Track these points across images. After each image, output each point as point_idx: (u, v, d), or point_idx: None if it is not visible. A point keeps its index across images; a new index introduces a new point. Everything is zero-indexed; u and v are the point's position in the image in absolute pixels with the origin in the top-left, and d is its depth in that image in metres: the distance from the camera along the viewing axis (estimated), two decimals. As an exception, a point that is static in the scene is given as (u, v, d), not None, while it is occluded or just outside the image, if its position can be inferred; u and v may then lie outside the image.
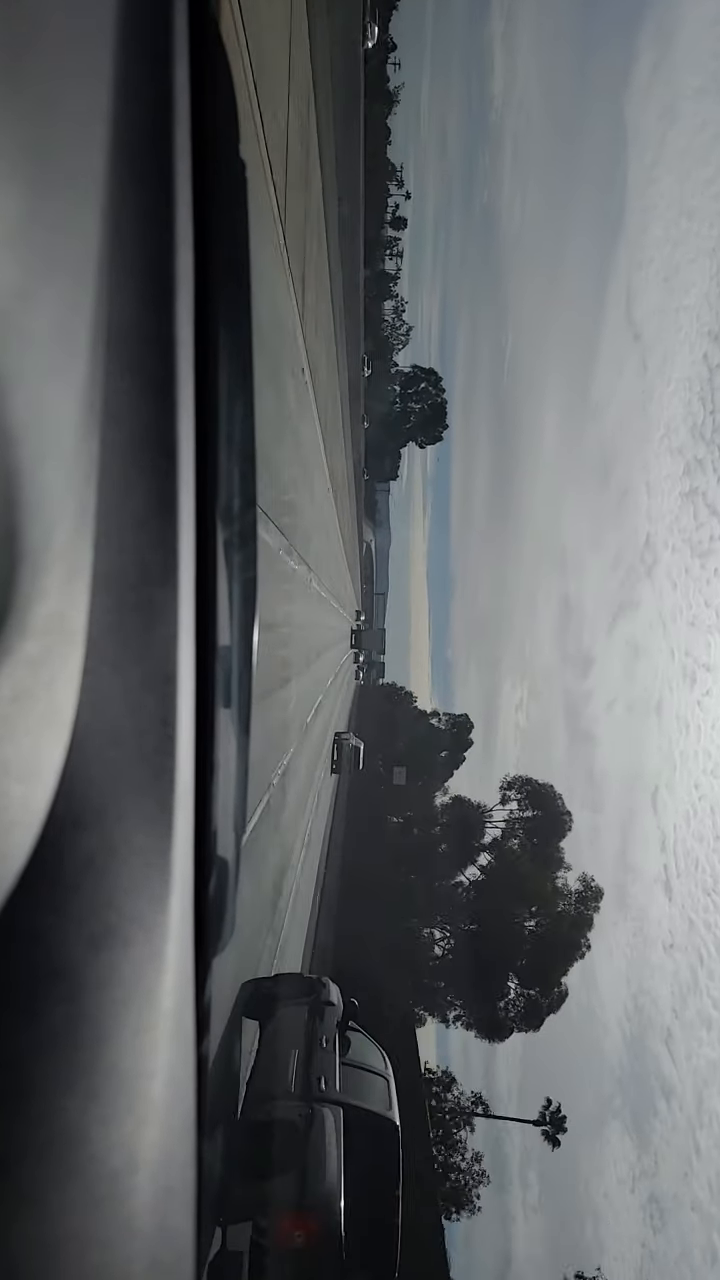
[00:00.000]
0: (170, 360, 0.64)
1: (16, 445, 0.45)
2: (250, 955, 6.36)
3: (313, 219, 10.51)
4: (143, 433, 0.62)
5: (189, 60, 0.67)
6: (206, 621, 0.75)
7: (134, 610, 0.62)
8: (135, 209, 0.60)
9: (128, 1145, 0.59)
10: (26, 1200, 0.51)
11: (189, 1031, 0.71)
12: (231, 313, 0.85)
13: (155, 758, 0.64)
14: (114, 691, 0.60)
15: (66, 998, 0.55)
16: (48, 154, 0.48)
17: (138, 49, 0.59)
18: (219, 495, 0.78)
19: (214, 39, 0.79)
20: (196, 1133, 0.71)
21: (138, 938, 0.62)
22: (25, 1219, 0.51)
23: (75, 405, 0.53)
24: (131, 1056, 0.60)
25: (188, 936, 0.70)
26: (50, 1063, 0.54)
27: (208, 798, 0.75)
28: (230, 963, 4.14)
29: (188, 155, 0.67)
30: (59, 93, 0.49)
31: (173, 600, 0.66)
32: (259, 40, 5.25)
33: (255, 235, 2.72)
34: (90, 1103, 0.56)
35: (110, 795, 0.60)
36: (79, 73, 0.52)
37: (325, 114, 10.50)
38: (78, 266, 0.53)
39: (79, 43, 0.52)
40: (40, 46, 0.46)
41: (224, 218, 0.82)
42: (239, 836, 1.06)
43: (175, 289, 0.65)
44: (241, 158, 0.95)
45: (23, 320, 0.46)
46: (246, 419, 0.96)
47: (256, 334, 1.09)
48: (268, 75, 5.83)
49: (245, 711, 1.01)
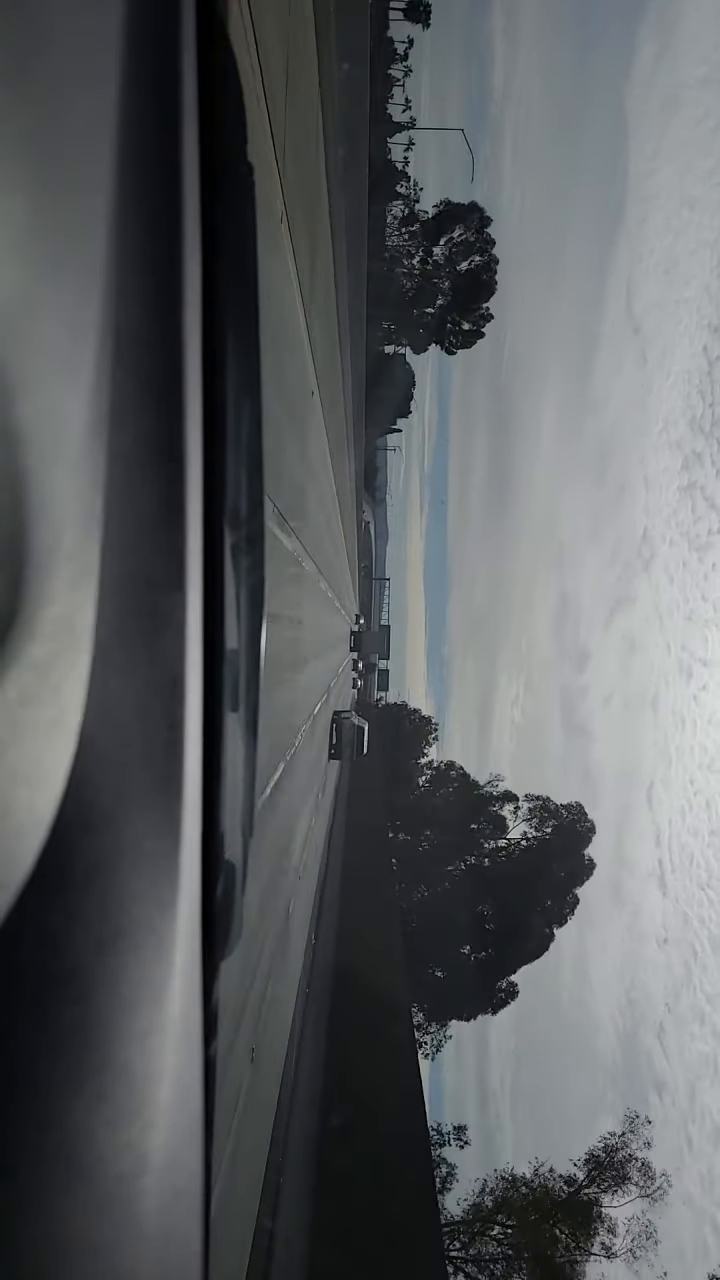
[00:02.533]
0: (178, 364, 0.64)
1: (25, 448, 0.45)
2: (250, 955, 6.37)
3: (319, 219, 10.52)
4: (150, 437, 0.62)
5: (196, 64, 0.67)
6: (214, 625, 0.74)
7: (141, 614, 0.62)
8: (143, 214, 0.60)
9: (135, 1148, 0.59)
10: (35, 1202, 0.51)
11: (197, 1034, 0.71)
12: (239, 317, 0.85)
13: (163, 762, 0.64)
14: (121, 695, 0.60)
15: (75, 1000, 0.55)
16: (56, 160, 0.48)
17: (145, 54, 0.59)
18: (227, 499, 0.78)
19: (222, 42, 0.79)
20: (204, 1136, 0.71)
21: (146, 941, 0.62)
22: (34, 1221, 0.51)
23: (83, 409, 0.53)
24: (139, 1059, 0.60)
25: (195, 940, 0.69)
26: (59, 1065, 0.54)
27: (215, 802, 0.75)
28: (237, 966, 4.15)
29: (195, 159, 0.67)
30: (67, 99, 0.49)
31: (180, 604, 0.66)
32: (266, 43, 5.25)
33: (263, 238, 2.72)
34: (98, 1105, 0.56)
35: (118, 799, 0.60)
36: (87, 77, 0.52)
37: (331, 115, 10.51)
38: (86, 271, 0.53)
39: (87, 46, 0.52)
40: (48, 53, 0.46)
41: (231, 221, 0.82)
42: (246, 840, 1.05)
43: (183, 293, 0.65)
44: (250, 160, 0.95)
45: (31, 325, 0.46)
46: (254, 423, 0.96)
47: (264, 336, 1.09)
48: (275, 78, 5.84)
49: (253, 715, 1.01)
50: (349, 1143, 8.07)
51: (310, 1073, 8.61)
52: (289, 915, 8.39)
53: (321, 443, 11.84)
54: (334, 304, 13.79)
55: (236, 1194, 4.85)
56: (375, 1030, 11.18)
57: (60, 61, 0.48)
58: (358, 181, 14.03)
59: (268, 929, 6.64)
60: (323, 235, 10.84)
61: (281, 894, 7.72)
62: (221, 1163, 4.25)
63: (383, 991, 12.77)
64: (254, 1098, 5.55)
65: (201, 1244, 0.69)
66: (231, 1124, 4.74)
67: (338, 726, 17.37)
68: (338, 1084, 8.62)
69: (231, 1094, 4.76)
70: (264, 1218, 5.71)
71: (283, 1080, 7.41)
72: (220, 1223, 4.15)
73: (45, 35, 0.46)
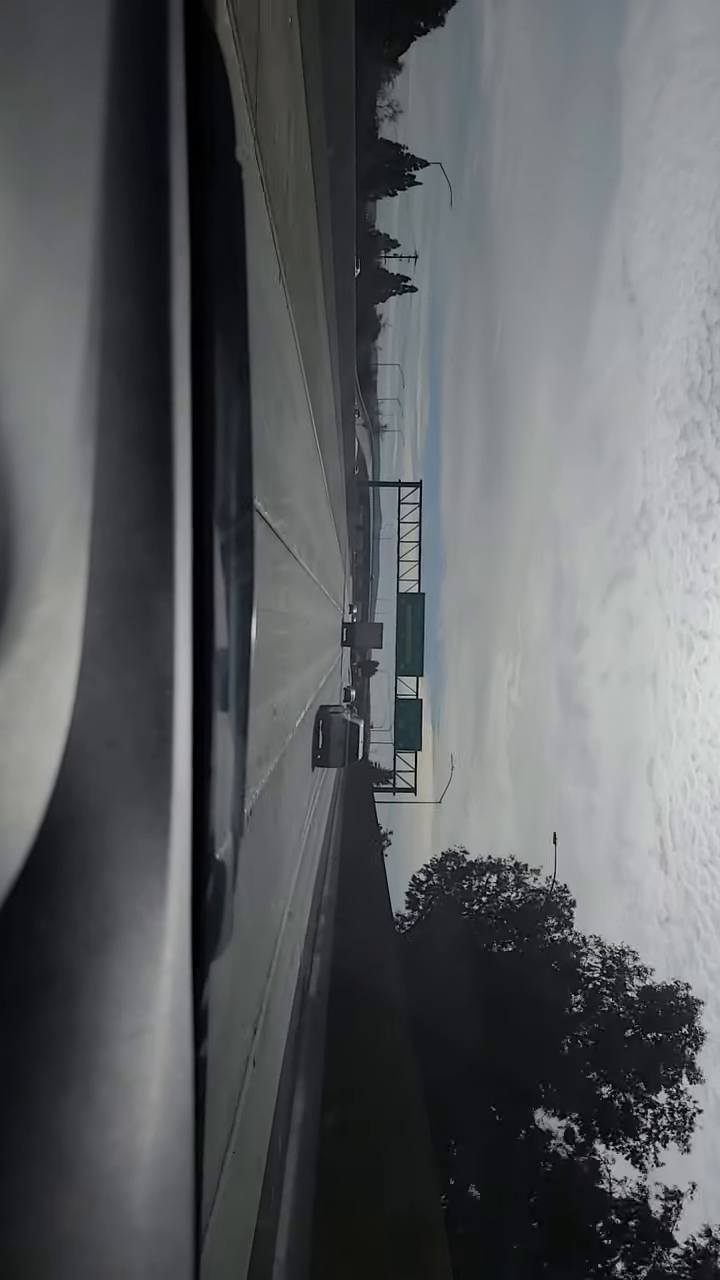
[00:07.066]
0: (166, 363, 0.64)
1: (12, 448, 0.45)
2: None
3: (306, 214, 10.52)
4: (138, 436, 0.62)
5: (184, 62, 0.67)
6: (203, 625, 0.74)
7: (130, 614, 0.62)
8: (130, 212, 0.60)
9: (124, 1147, 0.59)
10: (23, 1203, 0.51)
11: (186, 1034, 0.71)
12: (227, 315, 0.85)
13: (152, 761, 0.64)
14: (110, 695, 0.60)
15: (63, 1001, 0.55)
16: (43, 157, 0.48)
17: (133, 51, 0.59)
18: (215, 498, 0.78)
19: (210, 41, 0.79)
20: (194, 1135, 0.71)
21: (135, 941, 0.62)
22: (22, 1222, 0.51)
23: (71, 408, 0.53)
24: (128, 1059, 0.60)
25: (185, 940, 0.70)
26: (46, 1065, 0.54)
27: (205, 801, 0.75)
28: (228, 966, 4.14)
29: (183, 158, 0.67)
30: (54, 96, 0.49)
31: (169, 604, 0.66)
32: (253, 42, 5.25)
33: (251, 236, 2.72)
34: (86, 1105, 0.56)
35: (106, 799, 0.60)
36: (74, 75, 0.52)
37: (317, 111, 10.50)
38: (72, 269, 0.53)
39: (74, 45, 0.52)
40: (36, 49, 0.46)
41: (219, 219, 0.82)
42: (237, 839, 1.05)
43: (171, 292, 0.65)
44: (237, 160, 0.95)
45: (17, 324, 0.46)
46: (243, 421, 0.96)
47: (252, 334, 1.09)
48: (261, 76, 5.84)
49: (243, 714, 1.01)
50: (348, 1142, 8.08)
51: (310, 1073, 8.62)
52: (287, 912, 8.39)
53: (307, 424, 11.82)
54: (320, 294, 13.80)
55: (236, 1193, 4.85)
56: (375, 1030, 11.20)
57: (47, 59, 0.48)
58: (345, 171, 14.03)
59: (267, 928, 6.64)
60: (310, 228, 10.83)
61: (278, 892, 7.71)
62: (220, 1164, 4.25)
63: (381, 990, 12.78)
64: (255, 1097, 5.55)
65: (193, 1242, 0.69)
66: (234, 1121, 4.74)
67: (325, 725, 13.11)
68: (337, 1084, 8.63)
69: (229, 1094, 4.76)
70: (265, 1218, 5.72)
71: (281, 1080, 7.41)
72: (219, 1222, 4.15)
73: (32, 31, 0.46)
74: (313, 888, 12.43)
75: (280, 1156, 6.82)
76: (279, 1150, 6.78)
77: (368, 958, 13.41)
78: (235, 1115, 4.89)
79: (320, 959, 11.36)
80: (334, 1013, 10.15)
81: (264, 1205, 5.77)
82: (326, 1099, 8.38)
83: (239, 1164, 4.89)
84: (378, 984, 12.81)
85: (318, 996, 10.43)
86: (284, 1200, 6.58)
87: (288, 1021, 8.15)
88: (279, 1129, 6.87)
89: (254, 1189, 5.57)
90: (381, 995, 12.54)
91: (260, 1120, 6.01)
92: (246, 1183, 5.30)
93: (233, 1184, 4.67)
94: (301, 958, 9.93)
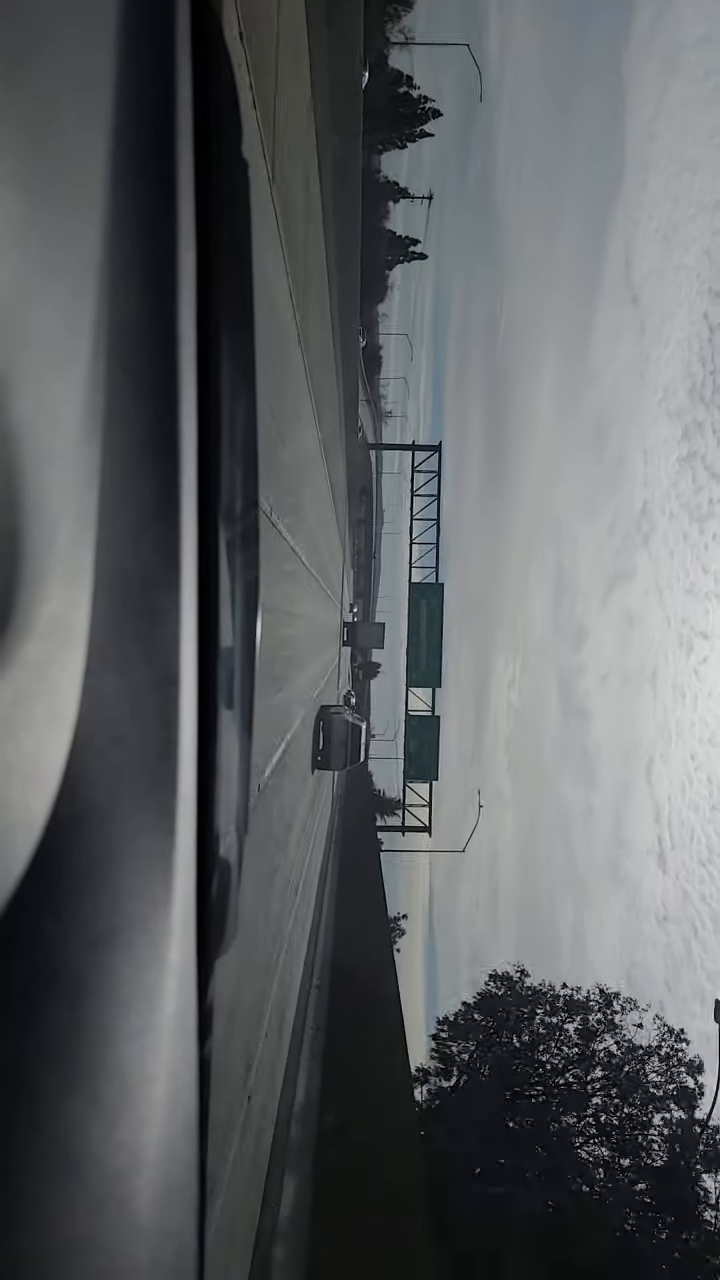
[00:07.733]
0: (172, 362, 0.64)
1: (18, 446, 0.45)
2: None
3: (312, 211, 10.51)
4: (145, 435, 0.62)
5: (191, 61, 0.67)
6: (208, 623, 0.75)
7: (136, 612, 0.62)
8: (137, 210, 0.60)
9: (130, 1146, 0.59)
10: (29, 1203, 0.51)
11: (191, 1034, 0.71)
12: (234, 313, 0.85)
13: (157, 760, 0.64)
14: (116, 694, 0.60)
15: (68, 1000, 0.55)
16: (50, 156, 0.48)
17: (140, 51, 0.59)
18: (221, 497, 0.78)
19: (216, 40, 0.79)
20: (199, 1134, 0.71)
21: (140, 940, 0.62)
22: (28, 1221, 0.51)
23: (77, 407, 0.53)
24: (134, 1059, 0.60)
25: (190, 939, 0.70)
26: (52, 1066, 0.54)
27: (210, 800, 0.75)
28: (233, 965, 4.15)
29: (190, 156, 0.67)
30: (62, 96, 0.49)
31: (175, 602, 0.66)
32: (260, 41, 5.24)
33: (257, 234, 2.72)
34: (92, 1105, 0.56)
35: (112, 798, 0.60)
36: (82, 75, 0.52)
37: (324, 111, 10.49)
38: (80, 268, 0.53)
39: (82, 46, 0.52)
40: (44, 51, 0.46)
41: (225, 217, 0.81)
42: (241, 839, 1.06)
43: (178, 290, 0.65)
44: (244, 157, 0.95)
45: (25, 321, 0.46)
46: (248, 419, 0.96)
47: (258, 331, 1.09)
48: (267, 75, 5.83)
49: (247, 713, 1.01)
50: (349, 1141, 8.09)
51: (311, 1073, 8.64)
52: (289, 912, 8.40)
53: (310, 420, 11.82)
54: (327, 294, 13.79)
55: (239, 1190, 4.86)
56: (374, 1025, 11.21)
57: (55, 57, 0.48)
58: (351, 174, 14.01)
59: (267, 927, 6.65)
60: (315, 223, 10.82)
61: (279, 892, 7.72)
62: (224, 1164, 4.26)
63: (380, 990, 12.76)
64: (256, 1098, 5.56)
65: (197, 1238, 0.69)
66: (237, 1119, 4.75)
67: (325, 726, 12.72)
68: (337, 1082, 8.65)
69: (233, 1092, 4.77)
70: (267, 1217, 5.73)
71: (284, 1080, 7.42)
72: (223, 1218, 4.16)
73: (40, 30, 0.46)
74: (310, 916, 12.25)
75: (283, 1153, 6.83)
76: (281, 1147, 6.80)
77: (369, 968, 13.30)
78: (239, 1112, 4.91)
79: (324, 952, 11.37)
80: (335, 1012, 10.17)
81: (266, 1201, 5.79)
82: (327, 1099, 8.40)
83: (242, 1160, 4.90)
84: (378, 985, 12.76)
85: (321, 994, 10.45)
86: (285, 1197, 6.60)
87: (291, 1019, 8.16)
88: (281, 1126, 6.89)
89: (257, 1185, 5.59)
90: (381, 995, 12.50)
91: (264, 1116, 6.03)
92: (250, 1179, 5.32)
93: (236, 1180, 4.68)
94: (305, 954, 9.95)
